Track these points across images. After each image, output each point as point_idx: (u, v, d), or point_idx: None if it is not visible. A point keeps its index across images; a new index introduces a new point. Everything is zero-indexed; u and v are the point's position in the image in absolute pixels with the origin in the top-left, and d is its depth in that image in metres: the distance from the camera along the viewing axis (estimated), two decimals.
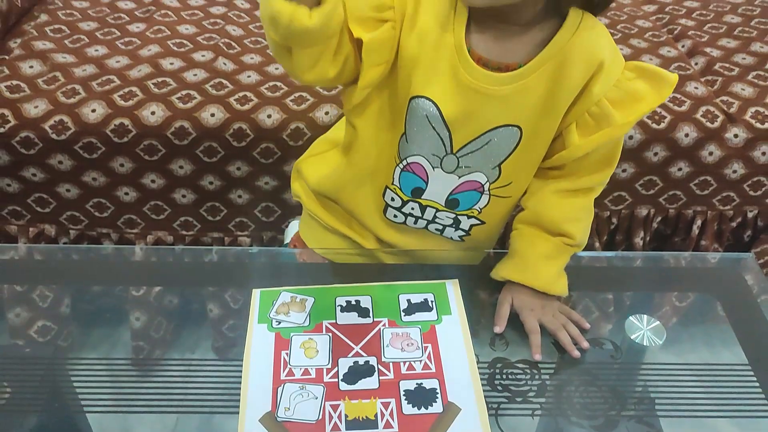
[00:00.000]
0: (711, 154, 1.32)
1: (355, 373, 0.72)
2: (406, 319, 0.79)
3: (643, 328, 0.79)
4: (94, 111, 1.23)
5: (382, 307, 0.80)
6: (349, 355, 0.74)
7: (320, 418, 0.68)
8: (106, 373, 0.78)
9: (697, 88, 1.38)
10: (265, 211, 1.35)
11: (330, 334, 0.76)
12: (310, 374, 0.72)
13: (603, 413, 0.73)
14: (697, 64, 1.48)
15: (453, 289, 0.83)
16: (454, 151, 0.78)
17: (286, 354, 0.74)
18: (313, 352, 0.75)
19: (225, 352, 0.83)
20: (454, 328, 0.78)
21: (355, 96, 0.76)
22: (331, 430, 0.67)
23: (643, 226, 1.41)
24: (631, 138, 1.29)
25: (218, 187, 1.31)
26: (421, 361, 0.74)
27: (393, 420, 0.68)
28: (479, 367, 0.74)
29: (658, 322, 0.79)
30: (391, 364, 0.73)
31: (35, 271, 0.90)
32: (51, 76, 1.29)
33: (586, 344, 0.78)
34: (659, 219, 1.41)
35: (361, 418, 0.68)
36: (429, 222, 0.87)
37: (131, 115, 1.23)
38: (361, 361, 0.74)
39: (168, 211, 1.33)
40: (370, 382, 0.71)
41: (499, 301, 0.82)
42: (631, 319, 0.80)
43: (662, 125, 1.30)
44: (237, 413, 0.69)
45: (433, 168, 0.80)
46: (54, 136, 1.21)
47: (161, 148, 1.25)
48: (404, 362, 0.74)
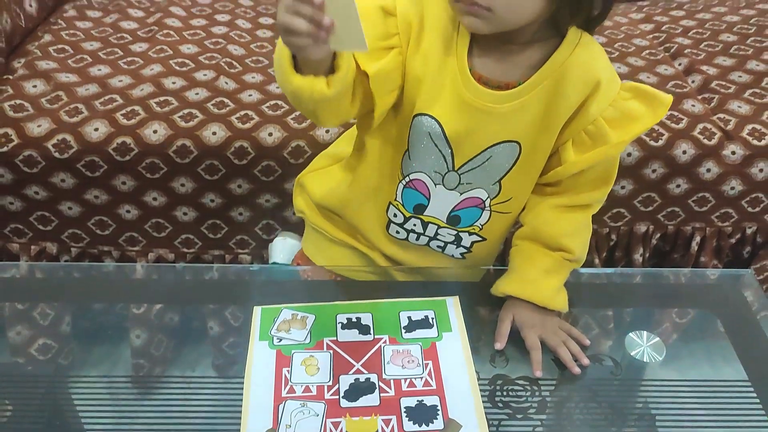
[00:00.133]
0: (709, 170, 1.33)
1: (356, 391, 0.72)
2: (406, 336, 0.79)
3: (643, 345, 0.79)
4: (96, 130, 1.24)
5: (383, 324, 0.80)
6: (350, 373, 0.74)
7: None
8: (106, 390, 0.78)
9: (694, 106, 1.39)
10: (265, 229, 1.35)
11: (331, 352, 0.77)
12: (311, 391, 0.72)
13: (603, 430, 0.73)
14: (693, 82, 1.50)
15: (453, 306, 0.83)
16: (456, 168, 0.79)
17: (287, 371, 0.74)
18: (314, 369, 0.75)
19: (226, 370, 0.83)
20: (455, 345, 0.78)
21: (374, 123, 0.78)
22: None
23: (642, 243, 1.41)
24: (630, 155, 1.30)
25: (219, 205, 1.31)
26: (421, 378, 0.74)
27: None
28: (480, 384, 0.74)
29: (658, 339, 0.80)
30: (392, 381, 0.74)
31: (36, 289, 0.90)
32: (54, 96, 1.30)
33: (586, 361, 0.78)
34: (658, 235, 1.41)
35: None
36: (431, 239, 0.88)
37: (133, 134, 1.24)
38: (362, 378, 0.74)
39: (169, 229, 1.34)
40: (371, 399, 0.72)
41: (499, 317, 0.82)
42: (631, 335, 0.80)
43: (660, 142, 1.31)
44: (238, 431, 0.69)
45: (435, 185, 0.81)
46: (57, 155, 1.22)
47: (163, 166, 1.25)
48: (405, 379, 0.74)
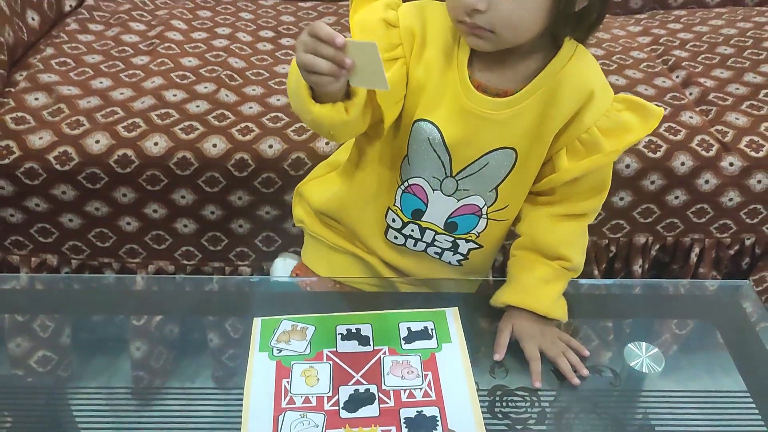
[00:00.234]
0: (707, 182, 1.33)
1: (356, 401, 0.73)
2: (406, 347, 0.79)
3: (641, 356, 0.79)
4: (97, 142, 1.24)
5: (383, 336, 0.80)
6: (350, 383, 0.75)
7: None
8: (106, 402, 0.78)
9: (692, 118, 1.40)
10: (265, 241, 1.36)
11: (330, 363, 0.77)
12: (311, 402, 0.72)
13: None
14: (691, 94, 1.51)
15: (453, 317, 0.83)
16: (453, 174, 0.81)
17: (287, 382, 0.75)
18: (313, 380, 0.75)
19: (225, 381, 0.83)
20: (454, 356, 0.78)
21: (383, 132, 0.80)
22: None
23: (641, 254, 1.41)
24: (628, 167, 1.31)
25: (219, 217, 1.32)
26: (421, 389, 0.74)
27: None
28: (479, 395, 0.74)
29: (657, 350, 0.80)
30: (392, 392, 0.74)
31: (36, 301, 0.91)
32: (56, 108, 1.30)
33: (585, 371, 0.78)
34: (657, 247, 1.41)
35: None
36: (428, 245, 0.89)
37: (134, 146, 1.24)
38: (362, 389, 0.74)
39: (169, 241, 1.34)
40: (370, 410, 0.72)
41: (499, 328, 0.82)
42: (630, 346, 0.80)
43: (658, 154, 1.32)
44: None
45: (433, 190, 0.83)
46: (58, 167, 1.23)
47: (163, 179, 1.26)
48: (404, 390, 0.74)
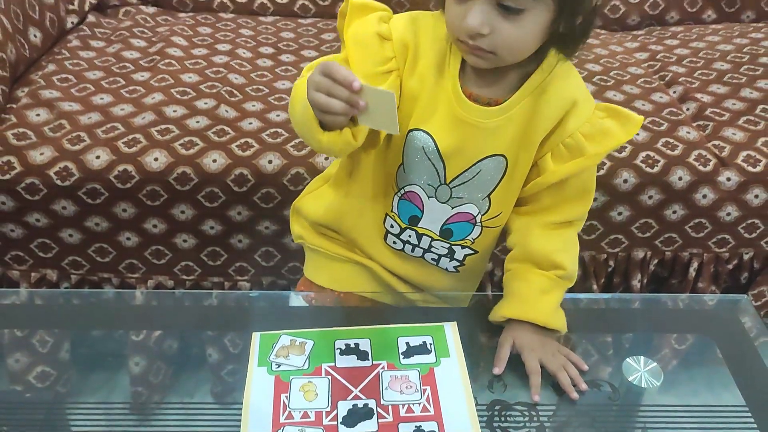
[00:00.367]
0: (705, 197, 1.34)
1: (355, 416, 0.72)
2: (405, 361, 0.79)
3: (640, 370, 0.79)
4: (98, 157, 1.25)
5: (381, 350, 0.80)
6: (349, 398, 0.75)
7: None
8: (105, 418, 0.78)
9: (689, 133, 1.41)
10: (265, 256, 1.36)
11: (329, 377, 0.77)
12: (310, 417, 0.72)
13: None
14: (688, 110, 1.52)
15: (451, 331, 0.83)
16: (447, 182, 0.83)
17: (286, 397, 0.75)
18: (312, 395, 0.75)
19: (224, 396, 0.83)
20: (453, 371, 0.78)
21: (380, 143, 0.82)
22: None
23: (640, 269, 1.42)
24: (626, 182, 1.31)
25: (219, 232, 1.32)
26: (419, 404, 0.74)
27: None
28: (478, 410, 0.74)
29: (656, 364, 0.80)
30: (390, 407, 0.74)
31: (36, 316, 0.91)
32: (57, 124, 1.31)
33: (584, 386, 0.79)
34: (656, 261, 1.42)
35: None
36: (425, 251, 0.90)
37: (134, 162, 1.25)
38: (360, 403, 0.74)
39: (169, 256, 1.34)
40: (369, 425, 0.72)
41: (499, 342, 0.83)
42: (629, 360, 0.80)
43: (656, 169, 1.32)
44: None
45: (428, 197, 0.84)
46: (58, 182, 1.24)
47: (163, 194, 1.26)
48: (403, 405, 0.74)
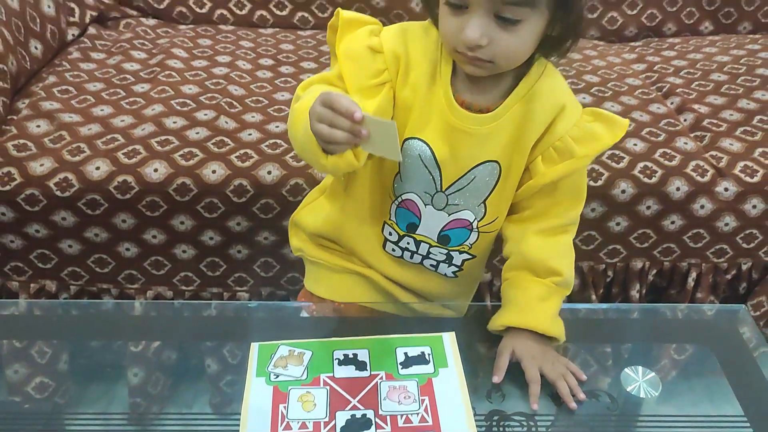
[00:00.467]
0: (702, 207, 1.34)
1: (353, 427, 0.72)
2: (403, 372, 0.79)
3: (638, 380, 0.79)
4: (98, 168, 1.25)
5: (380, 361, 0.80)
6: (347, 409, 0.75)
7: None
8: (104, 428, 0.78)
9: (686, 143, 1.41)
10: (264, 266, 1.36)
11: (327, 388, 0.77)
12: (308, 428, 0.72)
13: None
14: (686, 120, 1.52)
15: (450, 341, 0.84)
16: (443, 189, 0.84)
17: (284, 407, 0.75)
18: (310, 405, 0.75)
19: (223, 407, 0.83)
20: (451, 381, 0.78)
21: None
22: None
23: (638, 279, 1.42)
24: (624, 192, 1.32)
25: (218, 243, 1.32)
26: (418, 414, 0.74)
27: None
28: (476, 420, 0.74)
29: (654, 374, 0.80)
30: (389, 418, 0.74)
31: (35, 327, 0.91)
32: (57, 135, 1.32)
33: (582, 396, 0.79)
34: (654, 272, 1.42)
35: None
36: (424, 257, 0.90)
37: (134, 173, 1.26)
38: (359, 414, 0.74)
39: (168, 267, 1.34)
40: None
41: (498, 350, 0.83)
42: (627, 371, 0.80)
43: (654, 179, 1.33)
44: None
45: (425, 205, 0.85)
46: (58, 193, 1.24)
47: (163, 205, 1.27)
48: (401, 415, 0.74)
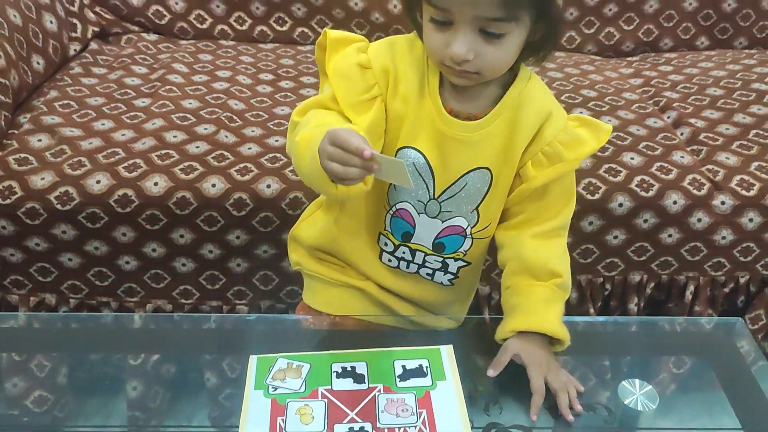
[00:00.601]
0: (699, 220, 1.35)
1: None
2: (401, 384, 0.79)
3: (636, 393, 0.79)
4: (98, 182, 1.26)
5: (378, 373, 0.81)
6: (345, 421, 0.75)
7: None
8: None
9: (683, 157, 1.42)
10: (263, 280, 1.36)
11: (325, 400, 0.77)
12: None
13: None
14: (682, 135, 1.53)
15: (447, 354, 0.84)
16: (436, 197, 0.85)
17: (282, 420, 0.75)
18: (308, 418, 0.75)
19: (222, 420, 0.83)
20: (449, 394, 0.79)
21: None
22: None
23: (636, 292, 1.42)
24: (621, 205, 1.33)
25: (217, 256, 1.33)
26: (416, 427, 0.74)
27: None
28: None
29: (651, 387, 0.80)
30: (386, 430, 0.74)
31: (34, 340, 0.91)
32: (58, 149, 1.33)
33: (579, 408, 0.79)
34: (652, 285, 1.42)
35: None
36: (420, 266, 0.91)
37: (134, 186, 1.26)
38: (357, 427, 0.74)
39: (168, 280, 1.35)
40: None
41: (502, 348, 0.83)
42: (624, 383, 0.81)
43: (651, 193, 1.34)
44: None
45: (419, 213, 0.86)
46: (58, 207, 1.25)
47: (163, 218, 1.27)
48: (399, 428, 0.74)
